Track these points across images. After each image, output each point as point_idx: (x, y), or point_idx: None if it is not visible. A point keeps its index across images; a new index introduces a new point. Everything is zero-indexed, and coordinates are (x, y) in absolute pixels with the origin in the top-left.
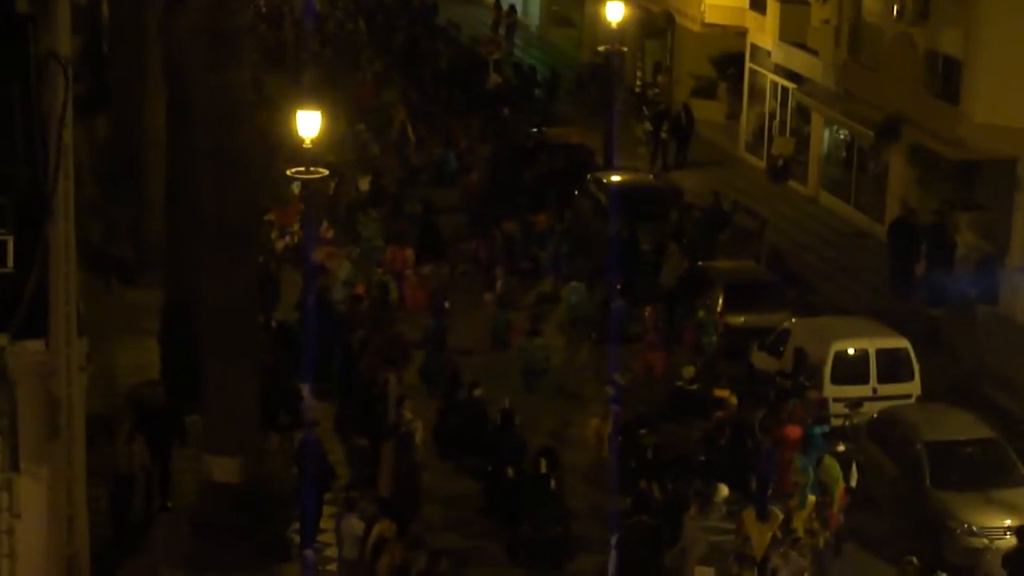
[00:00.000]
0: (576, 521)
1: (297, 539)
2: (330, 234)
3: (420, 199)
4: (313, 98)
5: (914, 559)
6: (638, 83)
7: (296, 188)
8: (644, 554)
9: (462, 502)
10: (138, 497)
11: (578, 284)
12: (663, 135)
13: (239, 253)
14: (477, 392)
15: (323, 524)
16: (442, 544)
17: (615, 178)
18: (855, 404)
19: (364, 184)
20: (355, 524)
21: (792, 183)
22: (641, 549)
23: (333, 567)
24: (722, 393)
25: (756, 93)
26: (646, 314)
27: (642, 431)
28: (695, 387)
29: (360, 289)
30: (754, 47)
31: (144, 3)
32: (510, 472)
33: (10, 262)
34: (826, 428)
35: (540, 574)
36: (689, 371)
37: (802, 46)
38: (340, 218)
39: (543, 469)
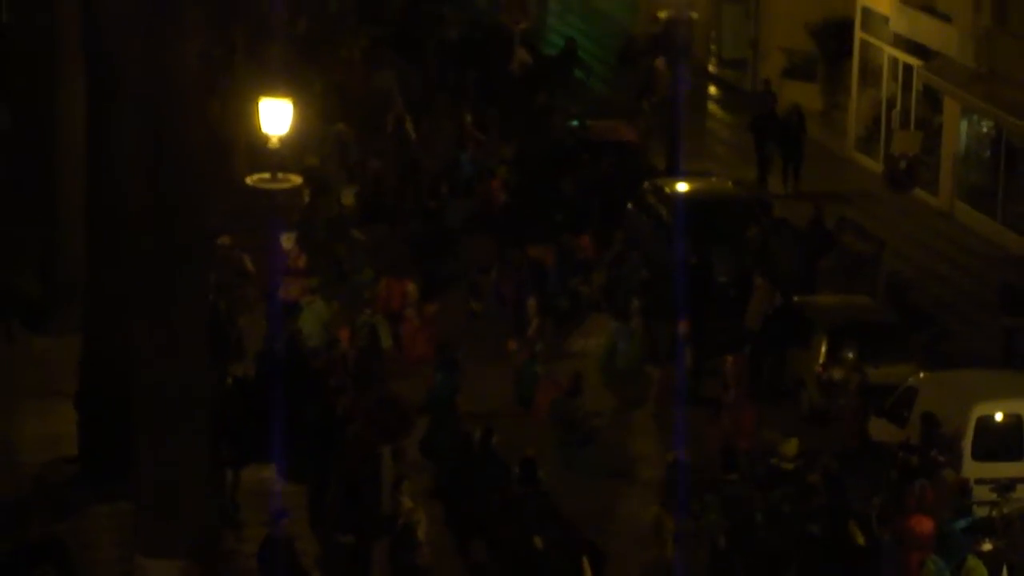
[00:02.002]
0: None
1: None
2: (302, 262)
3: (423, 214)
4: (283, 83)
5: None
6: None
7: (289, 240)
8: None
9: None
10: None
11: (623, 324)
12: (767, 150)
13: (182, 288)
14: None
15: None
16: None
17: (681, 186)
18: (1006, 488)
19: (349, 197)
20: None
21: (918, 192)
22: None
23: None
24: (813, 479)
25: (870, 73)
26: (725, 367)
27: (713, 517)
28: (792, 466)
29: (343, 334)
30: (867, 11)
31: None
32: (538, 542)
33: None
34: (967, 520)
35: None
36: (792, 447)
37: (930, 9)
38: (317, 240)
39: (586, 573)
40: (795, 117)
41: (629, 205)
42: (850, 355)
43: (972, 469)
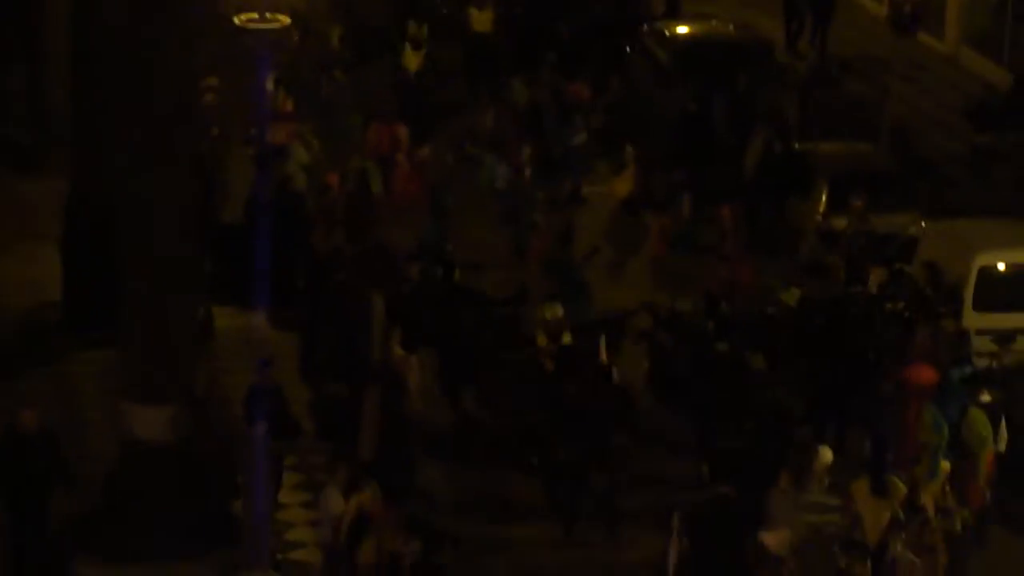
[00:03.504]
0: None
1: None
2: (289, 105)
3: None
4: None
5: None
6: None
7: (274, 82)
8: (716, 539)
9: None
10: None
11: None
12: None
13: (169, 130)
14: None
15: (283, 497)
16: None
17: (681, 29)
18: (1006, 339)
19: (335, 36)
20: (333, 499)
21: (922, 36)
22: (712, 532)
23: (302, 554)
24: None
25: None
26: (722, 216)
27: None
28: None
29: (332, 179)
30: None
31: None
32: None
33: None
34: (967, 370)
35: (591, 555)
36: (793, 296)
37: None
38: (304, 82)
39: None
40: None
41: (627, 49)
42: (857, 203)
43: (973, 319)
